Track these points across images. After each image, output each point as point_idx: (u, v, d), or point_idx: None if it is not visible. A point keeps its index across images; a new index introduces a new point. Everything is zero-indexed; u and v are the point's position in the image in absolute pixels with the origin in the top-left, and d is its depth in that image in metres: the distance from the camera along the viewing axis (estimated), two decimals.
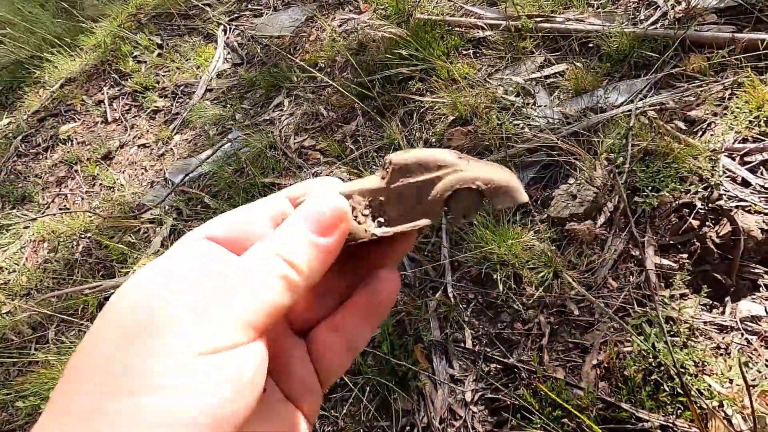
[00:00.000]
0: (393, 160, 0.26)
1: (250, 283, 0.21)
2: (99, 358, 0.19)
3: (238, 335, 0.20)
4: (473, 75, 1.70)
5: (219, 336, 0.19)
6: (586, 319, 1.13)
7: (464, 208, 0.25)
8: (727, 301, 1.07)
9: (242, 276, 0.21)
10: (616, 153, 1.32)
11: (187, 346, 0.19)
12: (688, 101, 1.38)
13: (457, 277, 1.30)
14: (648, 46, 1.51)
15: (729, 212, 1.14)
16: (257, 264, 0.22)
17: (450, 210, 0.25)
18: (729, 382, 0.94)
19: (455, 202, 0.25)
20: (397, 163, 0.26)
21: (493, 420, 1.07)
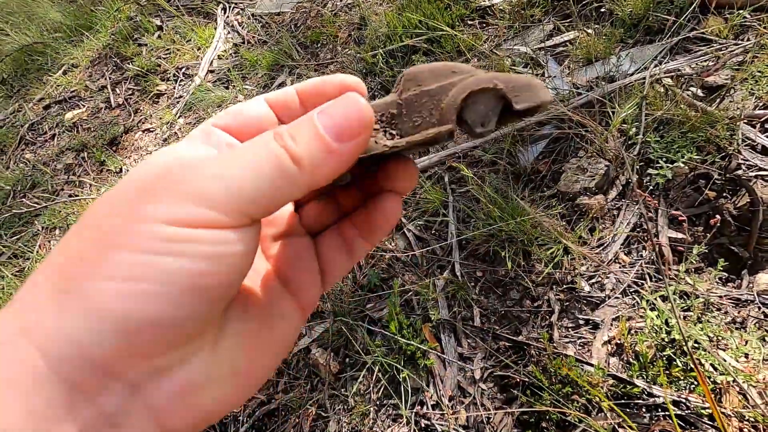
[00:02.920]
0: (405, 72, 0.24)
1: (242, 166, 0.20)
2: (98, 216, 0.20)
3: (219, 216, 0.20)
4: (480, 46, 1.64)
5: (198, 213, 0.19)
6: (597, 295, 1.11)
7: (482, 113, 0.23)
8: (744, 274, 1.04)
9: (236, 158, 0.21)
10: (629, 124, 1.27)
11: (169, 216, 0.19)
12: (706, 66, 1.31)
13: (464, 255, 1.28)
14: (663, 9, 1.43)
15: (747, 182, 1.09)
16: (254, 148, 0.21)
17: (466, 117, 0.23)
18: (745, 356, 0.92)
19: (472, 107, 0.23)
20: (409, 73, 0.24)
21: (502, 397, 1.06)
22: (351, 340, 1.23)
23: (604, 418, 0.94)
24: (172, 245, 0.19)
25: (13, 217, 2.08)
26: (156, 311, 0.18)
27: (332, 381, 1.19)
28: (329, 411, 1.15)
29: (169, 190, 0.20)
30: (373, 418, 1.11)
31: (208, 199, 0.20)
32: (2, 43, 3.00)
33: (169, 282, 0.18)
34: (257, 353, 0.23)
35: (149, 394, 0.19)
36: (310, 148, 0.21)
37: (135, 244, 0.19)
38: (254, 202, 0.20)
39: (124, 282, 0.18)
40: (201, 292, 0.19)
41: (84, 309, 0.18)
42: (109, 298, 0.18)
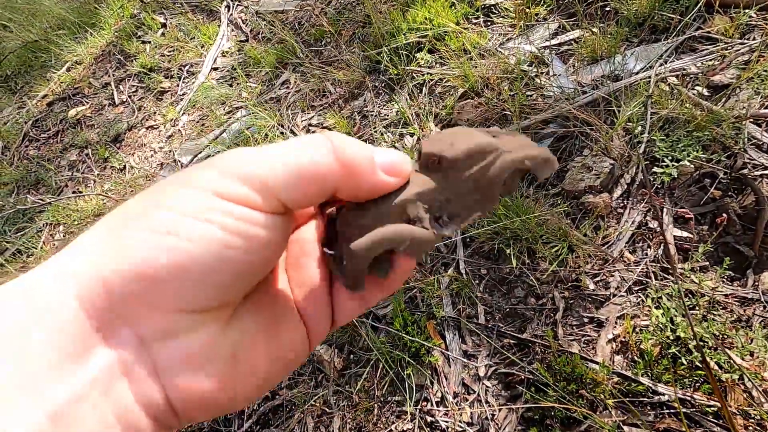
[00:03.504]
0: (445, 156, 0.26)
1: (286, 152, 0.22)
2: (159, 184, 0.22)
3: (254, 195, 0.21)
4: (484, 44, 1.64)
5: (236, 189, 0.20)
6: (602, 293, 1.11)
7: (511, 185, 0.26)
8: (749, 273, 1.04)
9: (285, 145, 0.22)
10: (635, 122, 1.27)
11: (212, 187, 0.20)
12: (712, 65, 1.31)
13: (469, 252, 1.29)
14: (669, 8, 1.43)
15: (753, 181, 1.09)
16: (305, 138, 0.22)
17: (501, 191, 0.26)
18: (750, 355, 0.92)
19: (505, 182, 0.26)
20: (429, 146, 0.26)
21: (506, 394, 1.07)
22: (355, 336, 1.24)
23: (609, 416, 0.94)
24: (208, 212, 0.20)
25: (17, 213, 2.08)
26: (177, 265, 0.19)
27: (336, 377, 1.20)
28: (333, 407, 1.16)
29: (221, 166, 0.21)
30: (377, 414, 1.11)
31: (248, 177, 0.21)
32: (6, 39, 3.01)
33: (196, 242, 0.19)
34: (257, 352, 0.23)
35: (155, 352, 0.20)
36: (355, 156, 0.22)
37: (177, 205, 0.20)
38: (287, 187, 0.21)
39: (157, 234, 0.19)
40: (223, 262, 0.20)
41: (116, 252, 0.19)
42: (140, 244, 0.19)
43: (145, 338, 0.20)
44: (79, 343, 0.18)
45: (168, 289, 0.19)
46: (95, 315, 0.19)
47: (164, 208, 0.20)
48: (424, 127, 1.57)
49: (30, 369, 0.17)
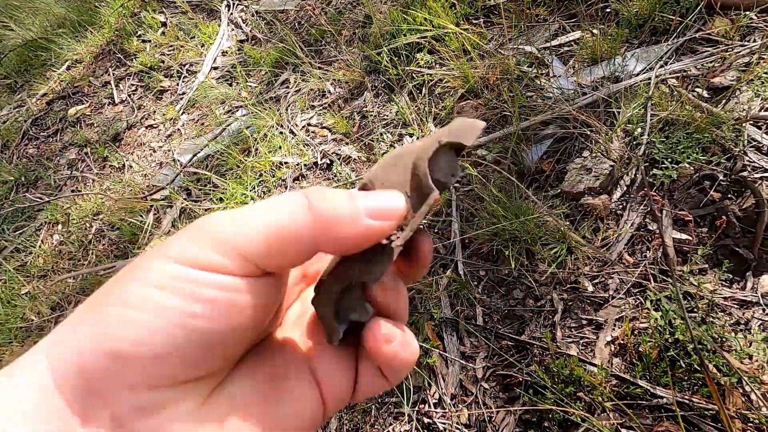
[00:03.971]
0: (364, 180, 0.26)
1: (258, 212, 0.21)
2: (128, 265, 0.21)
3: (224, 260, 0.20)
4: (484, 45, 1.64)
5: (204, 255, 0.20)
6: (601, 295, 1.11)
7: (446, 168, 0.25)
8: (748, 276, 1.04)
9: (258, 205, 0.21)
10: (634, 124, 1.26)
11: (180, 255, 0.20)
12: (712, 67, 1.31)
13: (468, 254, 1.28)
14: (669, 9, 1.43)
15: (753, 184, 1.09)
16: (280, 196, 0.21)
17: (438, 178, 0.24)
18: (749, 358, 0.92)
19: (436, 169, 0.24)
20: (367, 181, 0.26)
21: (504, 396, 1.06)
22: None
23: (607, 418, 0.94)
24: (173, 282, 0.19)
25: (15, 211, 2.08)
26: (140, 340, 0.18)
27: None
28: None
29: (191, 233, 0.21)
30: (374, 415, 1.11)
31: (218, 242, 0.20)
32: (6, 38, 3.00)
33: (162, 317, 0.19)
34: (251, 422, 0.21)
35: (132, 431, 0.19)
36: (335, 206, 0.21)
37: (145, 277, 0.19)
38: (261, 250, 0.20)
39: (127, 309, 0.19)
40: (187, 331, 0.19)
41: (89, 330, 0.19)
42: (110, 319, 0.19)
43: (122, 418, 0.19)
44: (55, 424, 0.18)
45: (136, 366, 0.19)
46: (72, 397, 0.19)
47: (135, 279, 0.20)
48: (424, 127, 1.56)
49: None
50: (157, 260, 0.20)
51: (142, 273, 0.20)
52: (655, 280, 1.07)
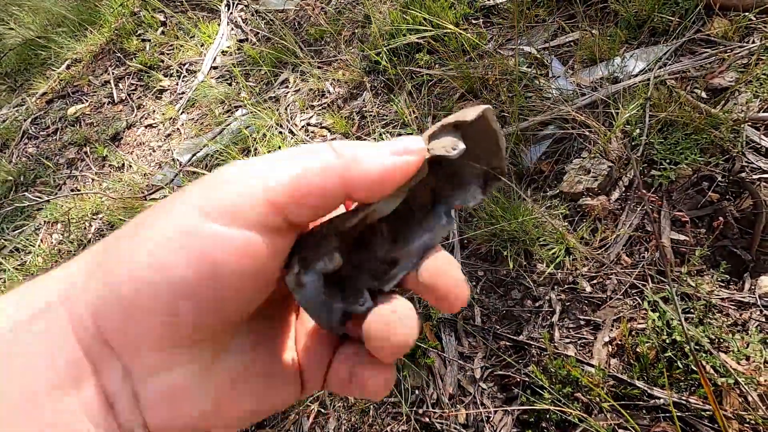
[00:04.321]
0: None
1: (281, 159, 0.20)
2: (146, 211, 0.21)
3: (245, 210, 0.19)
4: (483, 45, 1.64)
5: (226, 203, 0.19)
6: (599, 296, 1.11)
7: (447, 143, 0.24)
8: (746, 277, 1.04)
9: (282, 153, 0.21)
10: (633, 125, 1.27)
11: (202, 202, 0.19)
12: (711, 68, 1.31)
13: (466, 254, 1.28)
14: (668, 10, 1.43)
15: (751, 185, 1.09)
16: (304, 146, 0.21)
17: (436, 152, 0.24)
18: (746, 359, 0.92)
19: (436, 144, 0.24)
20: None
21: (502, 396, 1.06)
22: None
23: (605, 419, 0.94)
24: (188, 237, 0.19)
25: (15, 210, 2.08)
26: (160, 298, 0.18)
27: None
28: (329, 408, 1.16)
29: (214, 180, 0.20)
30: (372, 415, 1.11)
31: (247, 189, 0.19)
32: (6, 36, 3.00)
33: (175, 272, 0.18)
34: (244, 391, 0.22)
35: (139, 386, 0.19)
36: (359, 146, 0.21)
37: (163, 224, 0.19)
38: (290, 194, 0.19)
39: (138, 261, 0.18)
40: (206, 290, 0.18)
41: (104, 280, 0.19)
42: (124, 273, 0.19)
43: (133, 373, 0.19)
44: (73, 371, 0.18)
45: (147, 322, 0.18)
46: (88, 348, 0.19)
47: (154, 227, 0.19)
48: (423, 127, 1.56)
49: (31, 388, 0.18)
50: (179, 206, 0.19)
51: (163, 220, 0.19)
52: (653, 281, 1.07)
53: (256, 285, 0.20)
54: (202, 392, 0.20)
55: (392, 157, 0.21)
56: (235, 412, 0.22)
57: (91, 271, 0.20)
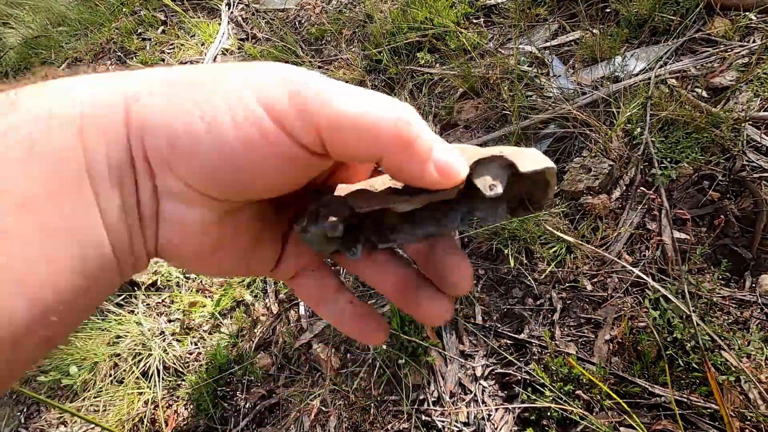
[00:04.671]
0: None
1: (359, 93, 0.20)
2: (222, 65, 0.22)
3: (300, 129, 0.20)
4: (484, 44, 1.64)
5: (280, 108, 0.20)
6: (599, 294, 1.11)
7: (489, 179, 0.23)
8: (746, 276, 1.04)
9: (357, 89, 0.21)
10: (634, 124, 1.27)
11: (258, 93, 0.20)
12: (711, 67, 1.31)
13: (467, 252, 1.28)
14: (669, 10, 1.43)
15: (751, 183, 1.09)
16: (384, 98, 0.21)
17: (475, 181, 0.23)
18: (747, 357, 0.92)
19: (480, 173, 0.23)
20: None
21: (503, 394, 1.06)
22: None
23: (606, 417, 0.94)
24: (235, 110, 0.19)
25: None
26: (201, 150, 0.19)
27: (333, 376, 1.20)
28: (330, 406, 1.16)
29: (290, 76, 0.20)
30: (373, 413, 1.11)
31: (305, 108, 0.19)
32: (6, 36, 3.00)
33: (212, 133, 0.19)
34: (232, 253, 0.25)
35: (163, 205, 0.21)
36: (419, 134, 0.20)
37: (222, 88, 0.20)
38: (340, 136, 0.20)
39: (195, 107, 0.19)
40: (247, 155, 0.20)
41: (162, 109, 0.20)
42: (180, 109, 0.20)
43: (158, 192, 0.21)
44: (116, 171, 0.20)
45: (186, 160, 0.20)
46: (134, 158, 0.20)
47: (214, 85, 0.20)
48: None
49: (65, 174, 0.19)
50: (244, 76, 0.20)
51: (223, 82, 0.20)
52: (654, 279, 1.08)
53: (278, 179, 0.21)
54: (207, 234, 0.22)
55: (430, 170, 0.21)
56: (223, 262, 0.25)
57: (155, 92, 0.20)
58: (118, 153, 0.20)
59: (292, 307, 1.37)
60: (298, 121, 0.19)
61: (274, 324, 1.36)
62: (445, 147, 0.22)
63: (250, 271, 0.27)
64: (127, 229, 0.21)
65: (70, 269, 0.18)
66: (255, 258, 0.27)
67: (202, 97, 0.20)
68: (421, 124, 0.21)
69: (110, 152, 0.19)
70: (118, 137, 0.20)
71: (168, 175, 0.20)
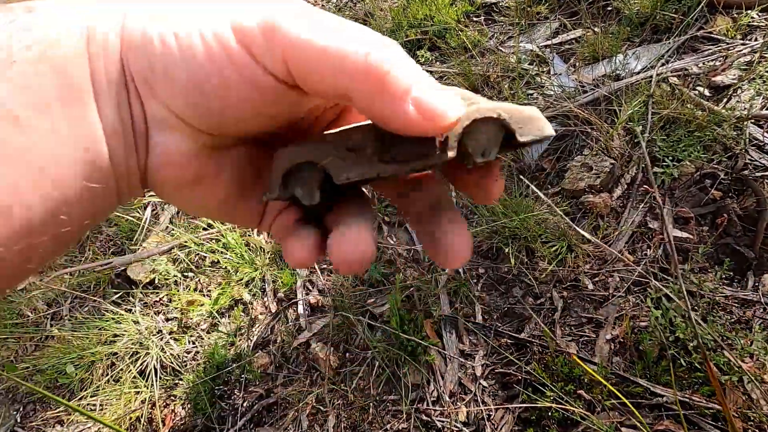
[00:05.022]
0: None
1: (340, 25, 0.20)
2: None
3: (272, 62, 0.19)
4: (485, 42, 1.63)
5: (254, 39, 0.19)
6: (601, 293, 1.10)
7: (483, 143, 0.21)
8: (749, 275, 1.03)
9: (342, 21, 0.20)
10: (635, 122, 1.26)
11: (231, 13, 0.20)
12: (713, 66, 1.30)
13: None
14: (671, 8, 1.43)
15: (754, 182, 1.09)
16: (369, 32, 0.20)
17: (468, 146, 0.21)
18: (750, 357, 0.91)
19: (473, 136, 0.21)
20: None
21: (503, 394, 1.05)
22: (351, 334, 1.23)
23: (607, 417, 0.93)
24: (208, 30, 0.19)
25: None
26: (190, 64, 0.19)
27: (332, 376, 1.19)
28: (328, 406, 1.15)
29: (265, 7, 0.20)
30: (372, 413, 1.10)
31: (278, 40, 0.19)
32: None
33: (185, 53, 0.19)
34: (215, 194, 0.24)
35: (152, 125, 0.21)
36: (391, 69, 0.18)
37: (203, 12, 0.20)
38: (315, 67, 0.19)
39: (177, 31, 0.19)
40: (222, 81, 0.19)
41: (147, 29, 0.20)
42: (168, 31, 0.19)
43: (147, 114, 0.21)
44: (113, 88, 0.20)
45: (170, 86, 0.20)
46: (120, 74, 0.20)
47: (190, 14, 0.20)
48: None
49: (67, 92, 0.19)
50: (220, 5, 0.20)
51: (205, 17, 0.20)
52: (655, 278, 1.07)
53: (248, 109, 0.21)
54: (188, 164, 0.22)
55: (407, 109, 0.18)
56: (206, 199, 0.24)
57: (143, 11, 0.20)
58: (115, 69, 0.20)
59: (291, 305, 1.36)
60: (263, 44, 0.19)
61: (273, 323, 1.35)
62: (431, 85, 0.19)
63: (237, 219, 0.27)
64: (124, 146, 0.21)
65: (74, 174, 0.19)
66: (241, 207, 0.26)
67: (180, 17, 0.20)
68: (401, 58, 0.19)
69: (108, 67, 0.20)
70: (114, 54, 0.20)
71: (151, 98, 0.20)
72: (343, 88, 0.19)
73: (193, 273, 1.52)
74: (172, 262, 1.56)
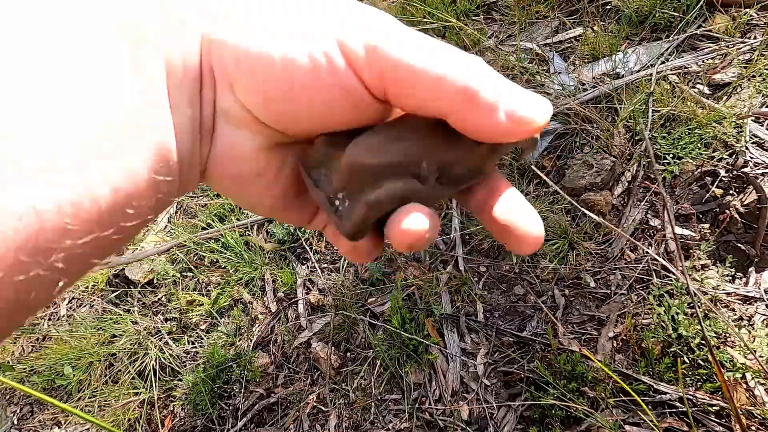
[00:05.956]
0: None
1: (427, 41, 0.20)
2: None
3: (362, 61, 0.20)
4: (485, 41, 1.63)
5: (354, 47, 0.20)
6: (603, 291, 1.10)
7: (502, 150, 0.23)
8: (750, 272, 1.03)
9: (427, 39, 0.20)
10: (636, 120, 1.26)
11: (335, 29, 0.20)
12: (713, 64, 1.31)
13: (468, 249, 1.27)
14: (670, 6, 1.43)
15: (755, 179, 1.09)
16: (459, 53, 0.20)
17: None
18: (752, 353, 0.91)
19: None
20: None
21: (505, 393, 1.05)
22: (352, 333, 1.22)
23: (611, 414, 0.93)
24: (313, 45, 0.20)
25: None
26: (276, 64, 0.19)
27: (333, 375, 1.18)
28: (330, 405, 1.14)
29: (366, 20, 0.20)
30: (374, 412, 1.10)
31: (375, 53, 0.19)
32: None
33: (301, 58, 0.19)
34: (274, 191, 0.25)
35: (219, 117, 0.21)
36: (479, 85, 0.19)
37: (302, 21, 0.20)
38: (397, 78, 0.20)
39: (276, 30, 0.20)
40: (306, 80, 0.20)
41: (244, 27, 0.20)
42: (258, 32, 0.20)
43: (217, 112, 0.21)
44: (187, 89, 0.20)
45: (245, 78, 0.20)
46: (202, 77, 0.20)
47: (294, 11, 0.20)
48: None
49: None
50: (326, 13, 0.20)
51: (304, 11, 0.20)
52: (657, 276, 1.07)
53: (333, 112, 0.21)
54: (253, 159, 0.22)
55: (499, 118, 0.19)
56: (264, 194, 0.24)
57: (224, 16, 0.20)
58: (192, 64, 0.20)
59: (291, 305, 1.35)
60: (366, 66, 0.20)
61: (273, 322, 1.34)
62: (519, 94, 0.20)
63: (289, 216, 0.27)
64: (191, 137, 0.21)
65: (143, 166, 0.19)
66: (297, 204, 0.26)
67: (276, 18, 0.20)
68: (487, 74, 0.20)
69: (186, 62, 0.20)
70: (192, 47, 0.20)
71: (228, 92, 0.20)
72: (438, 107, 0.20)
73: (192, 273, 1.51)
74: (170, 262, 1.55)
